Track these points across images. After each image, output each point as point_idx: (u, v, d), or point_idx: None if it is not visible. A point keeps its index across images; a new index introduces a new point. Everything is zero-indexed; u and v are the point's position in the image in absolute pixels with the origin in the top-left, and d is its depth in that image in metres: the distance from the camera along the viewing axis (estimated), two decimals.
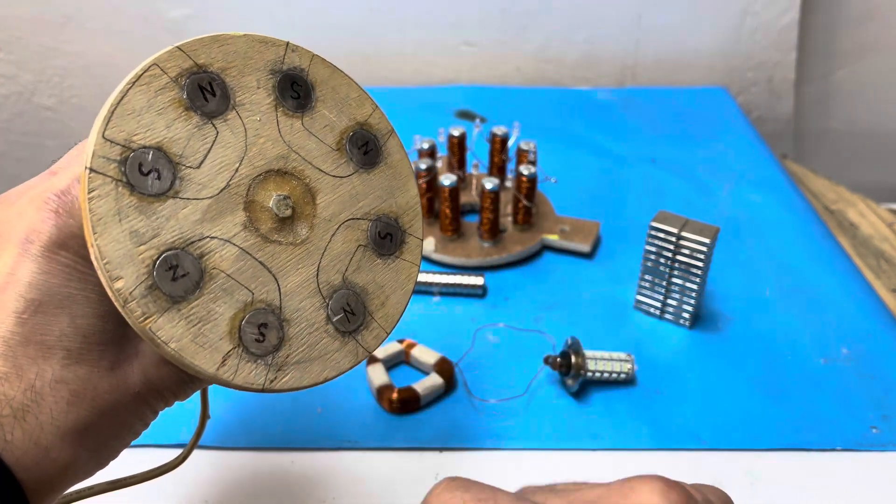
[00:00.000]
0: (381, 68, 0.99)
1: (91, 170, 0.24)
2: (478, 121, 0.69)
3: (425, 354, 0.51)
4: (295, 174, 0.29)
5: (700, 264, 0.51)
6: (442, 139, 0.66)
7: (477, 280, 0.57)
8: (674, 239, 0.51)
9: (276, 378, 0.27)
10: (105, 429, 0.27)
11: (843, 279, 0.60)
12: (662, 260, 0.53)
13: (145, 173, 0.25)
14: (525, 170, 0.61)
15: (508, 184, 0.68)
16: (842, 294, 0.58)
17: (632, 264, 0.60)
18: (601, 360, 0.49)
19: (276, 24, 0.96)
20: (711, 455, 0.45)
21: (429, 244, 0.62)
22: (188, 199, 0.26)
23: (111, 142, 0.25)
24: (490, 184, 0.58)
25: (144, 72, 0.26)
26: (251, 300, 0.27)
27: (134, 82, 0.26)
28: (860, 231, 0.72)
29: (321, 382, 0.29)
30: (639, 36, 0.96)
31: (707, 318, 0.56)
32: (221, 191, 0.27)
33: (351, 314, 0.30)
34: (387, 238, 0.32)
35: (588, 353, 0.49)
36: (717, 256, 0.61)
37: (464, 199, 0.67)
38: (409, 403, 0.48)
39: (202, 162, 0.27)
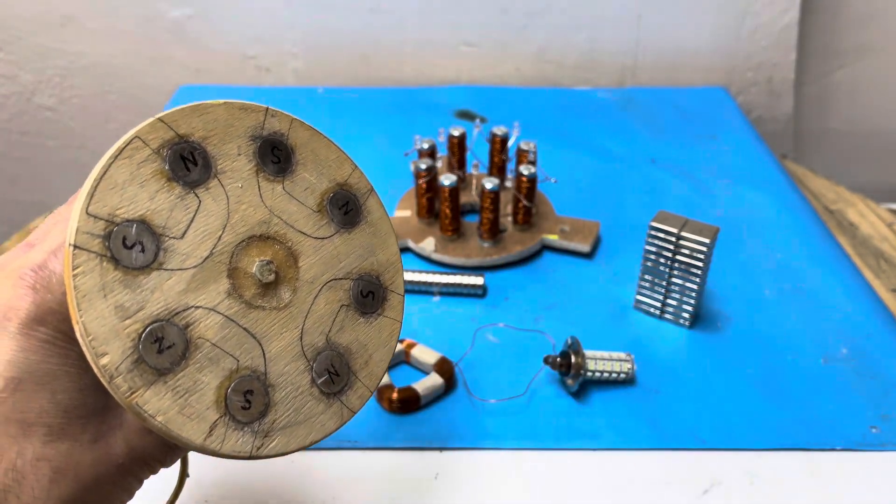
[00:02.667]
0: (381, 68, 0.99)
1: (75, 246, 0.24)
2: (478, 121, 0.69)
3: (425, 354, 0.51)
4: (277, 238, 0.29)
5: (700, 264, 0.51)
6: (442, 139, 0.67)
7: (477, 280, 0.57)
8: (673, 239, 0.51)
9: (262, 445, 0.27)
10: (87, 502, 0.26)
11: (842, 279, 0.60)
12: (662, 260, 0.53)
13: (129, 247, 0.25)
14: (525, 170, 0.61)
15: (508, 184, 0.68)
16: (841, 294, 0.58)
17: (631, 264, 0.60)
18: (601, 360, 0.49)
19: (276, 25, 0.96)
20: (711, 455, 0.45)
21: (429, 244, 0.62)
22: (172, 269, 0.26)
23: (95, 217, 0.25)
24: (490, 184, 0.58)
25: (126, 145, 0.26)
26: (236, 367, 0.27)
27: (116, 156, 0.26)
28: (860, 231, 0.72)
29: (308, 446, 0.29)
30: (639, 36, 0.96)
31: (707, 317, 0.56)
32: (205, 259, 0.27)
33: (335, 375, 0.30)
34: (369, 296, 0.32)
35: (588, 352, 0.49)
36: (717, 256, 0.61)
37: (464, 199, 0.67)
38: (409, 403, 0.48)
39: (185, 232, 0.27)
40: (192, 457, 0.45)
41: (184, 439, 0.25)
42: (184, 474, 0.35)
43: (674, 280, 0.53)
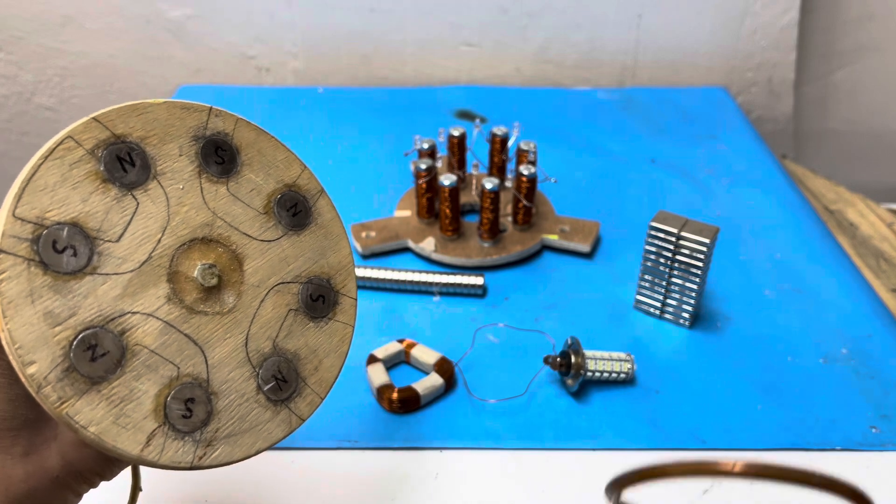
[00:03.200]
0: (381, 68, 0.99)
1: (0, 251, 0.23)
2: (478, 121, 0.69)
3: (425, 354, 0.51)
4: (221, 241, 0.29)
5: (700, 264, 0.51)
6: (442, 139, 0.67)
7: (477, 280, 0.57)
8: (673, 239, 0.51)
9: (205, 454, 0.27)
10: None
11: (842, 279, 0.60)
12: (662, 260, 0.53)
13: (60, 251, 0.24)
14: (525, 170, 0.61)
15: (508, 184, 0.68)
16: (841, 294, 0.58)
17: (631, 264, 0.60)
18: (601, 360, 0.49)
19: (276, 25, 0.96)
20: (711, 455, 0.45)
21: (429, 244, 0.62)
22: (107, 274, 0.25)
23: (22, 220, 0.24)
24: (490, 184, 0.58)
25: (57, 145, 0.25)
26: (177, 375, 0.26)
27: (46, 157, 0.25)
28: (860, 231, 0.72)
29: (253, 455, 0.28)
30: (639, 36, 0.96)
31: (706, 317, 0.56)
32: (143, 263, 0.26)
33: (283, 382, 0.29)
34: (319, 300, 0.31)
35: (588, 352, 0.49)
36: (717, 256, 0.61)
37: (464, 199, 0.67)
38: (409, 403, 0.48)
39: (122, 235, 0.26)
40: None
41: (119, 450, 0.24)
42: (136, 489, 0.34)
43: (674, 280, 0.53)
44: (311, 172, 0.33)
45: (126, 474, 0.35)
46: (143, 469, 0.44)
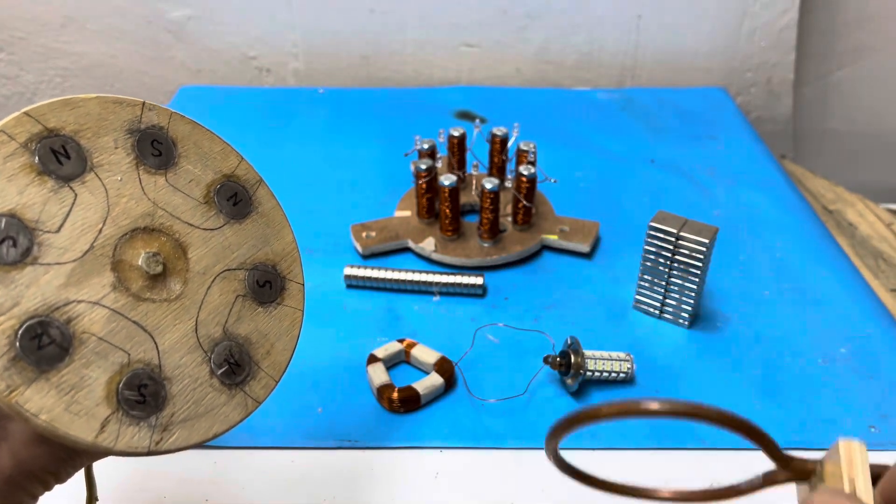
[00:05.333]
0: (381, 69, 0.99)
1: None
2: (478, 121, 0.69)
3: (425, 354, 0.51)
4: (163, 230, 0.29)
5: (699, 264, 0.51)
6: (442, 140, 0.67)
7: (477, 280, 0.58)
8: (673, 239, 0.51)
9: (162, 439, 0.27)
10: None
11: (841, 279, 0.60)
12: (661, 260, 0.53)
13: None
14: (525, 170, 0.61)
15: (508, 184, 0.68)
16: (840, 294, 0.58)
17: (631, 264, 0.61)
18: (600, 360, 0.49)
19: (276, 25, 0.96)
20: (711, 454, 0.45)
21: (429, 244, 0.62)
22: (49, 264, 0.26)
23: None
24: (490, 184, 0.58)
25: None
26: (127, 361, 0.27)
27: None
28: (859, 231, 0.72)
29: (211, 438, 0.29)
30: (638, 37, 0.96)
31: (706, 317, 0.56)
32: (85, 253, 0.27)
33: (236, 366, 0.30)
34: (266, 286, 0.32)
35: (587, 352, 0.49)
36: (716, 256, 0.61)
37: (464, 199, 0.68)
38: (409, 403, 0.48)
39: (61, 225, 0.26)
40: (193, 457, 0.46)
41: (72, 437, 0.24)
42: (92, 499, 0.34)
43: (673, 280, 0.54)
44: (249, 163, 0.34)
45: (82, 484, 0.34)
46: (143, 470, 0.44)
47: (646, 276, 0.55)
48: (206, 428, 0.29)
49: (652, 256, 0.53)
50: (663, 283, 0.54)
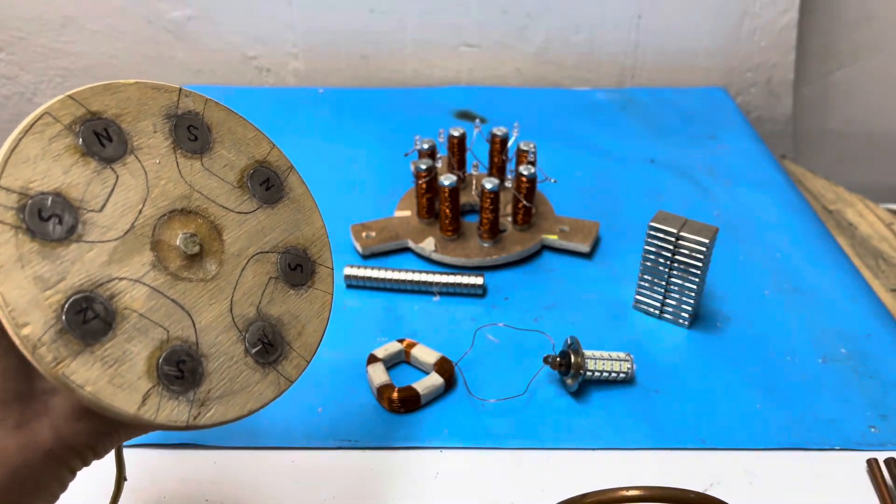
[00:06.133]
0: (381, 69, 0.99)
1: None
2: (477, 121, 0.69)
3: (425, 354, 0.51)
4: (199, 212, 0.30)
5: (699, 264, 0.51)
6: (442, 140, 0.67)
7: (477, 280, 0.58)
8: (673, 239, 0.51)
9: (199, 414, 0.28)
10: (17, 492, 0.26)
11: (841, 279, 0.60)
12: (661, 260, 0.53)
13: (45, 219, 0.26)
14: (525, 170, 0.61)
15: (508, 184, 0.68)
16: (840, 294, 0.58)
17: (631, 264, 0.61)
18: (600, 360, 0.49)
19: (276, 25, 0.96)
20: (710, 454, 0.45)
21: (429, 244, 0.62)
22: (93, 241, 0.27)
23: (7, 190, 0.25)
24: (490, 184, 0.58)
25: (36, 121, 0.26)
26: (167, 338, 0.27)
27: (26, 131, 0.26)
28: (859, 231, 0.72)
29: (246, 415, 0.29)
30: (638, 37, 0.96)
31: (706, 317, 0.56)
32: (127, 232, 0.28)
33: (269, 345, 0.31)
34: (297, 269, 0.33)
35: (587, 352, 0.49)
36: (716, 256, 0.61)
37: (464, 199, 0.68)
38: (409, 403, 0.48)
39: (104, 205, 0.27)
40: (193, 457, 0.46)
41: (115, 409, 0.25)
42: (121, 478, 0.35)
43: (673, 280, 0.54)
44: (280, 150, 0.35)
45: (111, 467, 0.35)
46: (143, 470, 0.44)
47: (646, 276, 0.55)
48: (241, 404, 0.29)
49: (652, 256, 0.53)
50: (663, 283, 0.54)
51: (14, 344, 0.25)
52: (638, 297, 0.56)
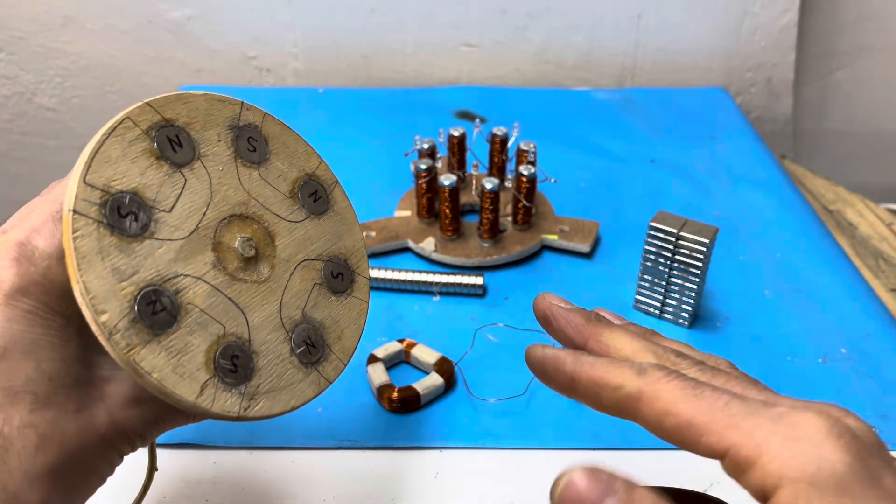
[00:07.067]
0: (381, 69, 0.99)
1: (74, 211, 0.26)
2: (477, 121, 0.69)
3: (425, 354, 0.51)
4: (255, 218, 0.32)
5: (699, 264, 0.51)
6: (442, 139, 0.67)
7: (477, 280, 0.58)
8: (673, 239, 0.51)
9: (249, 406, 0.29)
10: (73, 472, 0.27)
11: (841, 279, 0.60)
12: (661, 260, 0.53)
13: (123, 215, 0.27)
14: (525, 170, 0.61)
15: (508, 184, 0.68)
16: (840, 294, 0.58)
17: (631, 264, 0.61)
18: None
19: (276, 25, 0.96)
20: None
21: (429, 244, 0.62)
22: (163, 239, 0.28)
23: (91, 186, 0.27)
24: (490, 184, 0.58)
25: (119, 124, 0.28)
26: (223, 333, 0.29)
27: (110, 133, 0.28)
28: (859, 231, 0.72)
29: (289, 411, 0.31)
30: (638, 37, 0.96)
31: (706, 317, 0.56)
32: (192, 232, 0.30)
33: (312, 347, 0.33)
34: (338, 277, 0.35)
35: None
36: (716, 256, 0.61)
37: (464, 199, 0.68)
38: (409, 403, 0.48)
39: (174, 206, 0.29)
40: (193, 457, 0.46)
41: (177, 396, 0.27)
42: (152, 468, 0.36)
43: (673, 280, 0.54)
44: (327, 165, 0.37)
45: (142, 461, 0.36)
46: (142, 469, 0.44)
47: (646, 276, 0.55)
48: (285, 400, 0.31)
49: (652, 256, 0.53)
50: (663, 283, 0.54)
51: (77, 332, 0.28)
52: (638, 297, 0.56)
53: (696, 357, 0.28)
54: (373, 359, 0.51)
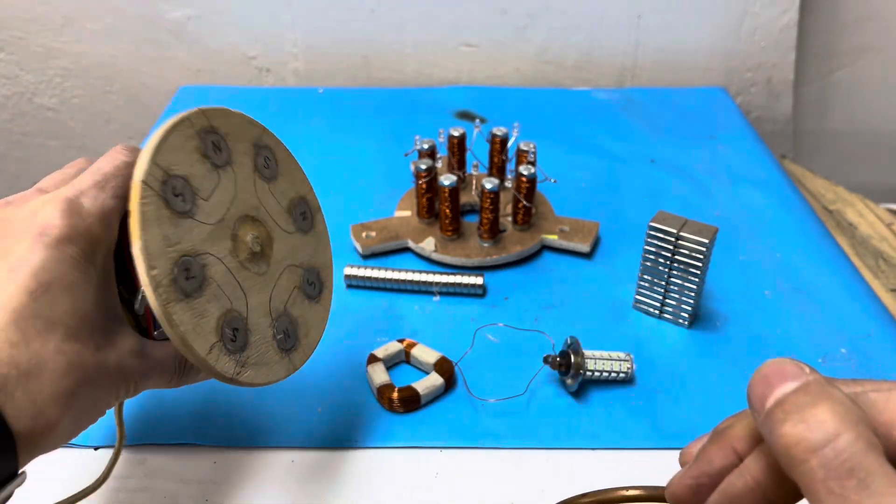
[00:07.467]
0: (381, 69, 0.99)
1: (144, 183, 0.31)
2: (477, 121, 0.69)
3: (425, 354, 0.51)
4: (262, 222, 0.38)
5: (699, 264, 0.52)
6: (442, 140, 0.67)
7: (477, 280, 0.58)
8: (673, 239, 0.51)
9: (240, 372, 0.35)
10: (84, 401, 0.31)
11: (841, 279, 0.60)
12: (661, 260, 0.53)
13: (176, 195, 0.33)
14: (525, 170, 0.61)
15: (508, 184, 0.68)
16: (840, 294, 0.58)
17: (631, 264, 0.61)
18: (600, 360, 0.49)
19: (276, 26, 0.96)
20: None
21: (429, 244, 0.62)
22: (199, 221, 0.34)
23: (158, 166, 0.32)
24: (490, 184, 0.59)
25: (181, 122, 0.34)
26: (230, 308, 0.35)
27: (174, 127, 0.34)
28: (859, 231, 0.72)
29: (266, 384, 0.37)
30: (638, 37, 0.96)
31: (706, 317, 0.56)
32: (219, 221, 0.35)
33: (287, 336, 0.39)
34: (312, 285, 0.41)
35: (587, 352, 0.49)
36: (716, 256, 0.61)
37: (464, 199, 0.68)
38: (409, 402, 0.48)
39: (209, 197, 0.35)
40: (193, 457, 0.46)
41: (194, 349, 0.32)
42: (122, 436, 0.41)
43: (673, 280, 0.54)
44: (315, 194, 0.44)
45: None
46: (143, 470, 0.44)
47: (646, 276, 0.55)
48: (265, 375, 0.36)
49: (652, 256, 0.53)
50: (663, 283, 0.54)
51: (104, 284, 0.33)
52: (638, 296, 0.56)
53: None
54: (373, 359, 0.51)
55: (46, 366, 0.29)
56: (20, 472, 0.29)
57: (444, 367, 0.50)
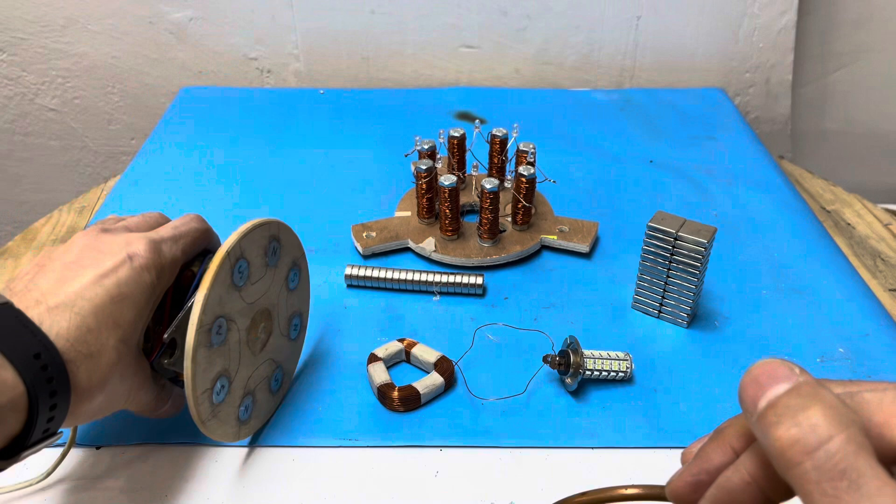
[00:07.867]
0: (381, 70, 1.00)
1: (228, 254, 0.39)
2: (477, 122, 0.69)
3: (425, 353, 0.51)
4: (272, 318, 0.46)
5: (697, 264, 0.52)
6: (442, 140, 0.67)
7: (476, 280, 0.58)
8: (671, 239, 0.52)
9: (209, 419, 0.40)
10: (113, 396, 0.38)
11: (839, 279, 0.60)
12: (660, 260, 0.53)
13: (239, 272, 0.41)
14: (524, 171, 0.61)
15: (508, 184, 0.69)
16: (838, 294, 0.59)
17: (630, 264, 0.61)
18: (599, 360, 0.49)
19: (277, 26, 0.96)
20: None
21: (429, 244, 0.62)
22: (241, 297, 0.41)
23: (240, 247, 0.40)
24: (489, 184, 0.59)
25: (263, 224, 0.43)
26: (228, 368, 0.41)
27: (258, 226, 0.42)
28: (857, 231, 0.73)
29: (217, 439, 0.42)
30: (637, 38, 0.96)
31: (704, 317, 0.56)
32: (251, 304, 0.42)
33: (246, 410, 0.44)
34: (277, 381, 0.48)
35: (586, 352, 0.49)
36: (715, 256, 0.61)
37: (463, 199, 0.68)
38: (409, 402, 0.48)
39: (255, 284, 0.43)
40: (193, 457, 0.46)
41: (195, 385, 0.38)
42: (73, 440, 0.45)
43: (672, 280, 0.54)
44: (309, 312, 0.52)
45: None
46: (143, 469, 0.44)
47: (645, 276, 0.55)
48: (221, 432, 0.42)
49: (651, 256, 0.54)
50: (662, 282, 0.54)
51: (151, 314, 0.40)
52: (637, 296, 0.57)
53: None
54: (373, 358, 0.51)
55: (104, 355, 0.36)
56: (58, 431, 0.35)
57: (444, 367, 0.50)
